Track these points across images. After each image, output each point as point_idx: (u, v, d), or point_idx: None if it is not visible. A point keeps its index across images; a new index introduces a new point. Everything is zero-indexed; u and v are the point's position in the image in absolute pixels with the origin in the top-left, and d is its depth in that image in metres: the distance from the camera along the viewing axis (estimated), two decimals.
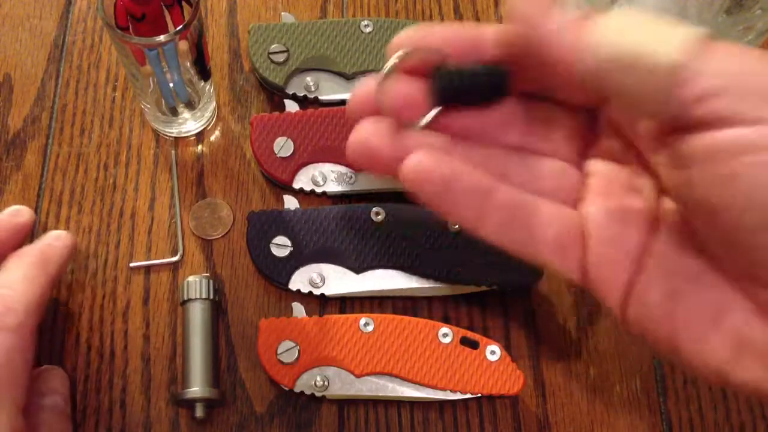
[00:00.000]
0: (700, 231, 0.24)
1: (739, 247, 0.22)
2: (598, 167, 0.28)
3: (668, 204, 0.26)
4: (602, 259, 0.26)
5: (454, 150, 0.27)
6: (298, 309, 0.43)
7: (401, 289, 0.44)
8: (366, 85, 0.27)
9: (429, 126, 0.26)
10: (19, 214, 0.41)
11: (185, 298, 0.42)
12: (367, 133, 0.26)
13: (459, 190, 0.26)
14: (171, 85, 0.44)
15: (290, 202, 0.45)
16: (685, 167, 0.23)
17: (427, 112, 0.26)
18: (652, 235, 0.26)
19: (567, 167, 0.29)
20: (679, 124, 0.22)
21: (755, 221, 0.21)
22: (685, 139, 0.22)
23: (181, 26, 0.39)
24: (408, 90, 0.26)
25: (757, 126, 0.20)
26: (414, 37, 0.26)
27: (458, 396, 0.41)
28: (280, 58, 0.48)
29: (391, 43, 0.27)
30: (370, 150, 0.26)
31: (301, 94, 0.49)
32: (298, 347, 0.41)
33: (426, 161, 0.25)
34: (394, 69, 0.26)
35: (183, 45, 0.41)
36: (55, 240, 0.40)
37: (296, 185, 0.46)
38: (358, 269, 0.44)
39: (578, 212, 0.28)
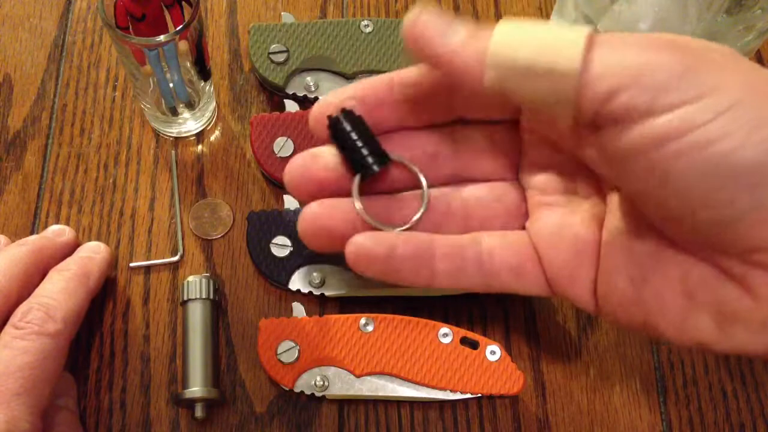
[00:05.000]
0: (646, 213, 0.24)
1: (685, 225, 0.22)
2: (532, 180, 0.29)
3: (610, 193, 0.27)
4: (559, 267, 0.27)
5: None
6: (298, 309, 0.43)
7: (401, 289, 0.44)
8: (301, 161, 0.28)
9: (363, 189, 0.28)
10: (62, 233, 0.43)
11: (185, 298, 0.42)
12: (317, 215, 0.27)
13: (401, 259, 0.26)
14: (171, 85, 0.44)
15: (290, 202, 0.45)
16: (613, 164, 0.23)
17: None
18: (599, 228, 0.26)
19: (504, 189, 0.29)
20: (596, 124, 0.22)
21: (690, 204, 0.21)
22: (605, 138, 0.22)
23: (181, 26, 0.39)
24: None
25: (666, 115, 0.20)
26: (331, 101, 0.28)
27: (458, 396, 0.41)
28: (280, 58, 0.48)
29: (314, 111, 0.28)
30: (325, 231, 0.27)
31: (301, 94, 0.49)
32: (298, 347, 0.41)
33: (362, 243, 0.26)
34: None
35: (183, 45, 0.41)
36: (95, 253, 0.42)
37: None
38: None
39: (526, 230, 0.28)
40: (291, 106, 0.48)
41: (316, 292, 0.44)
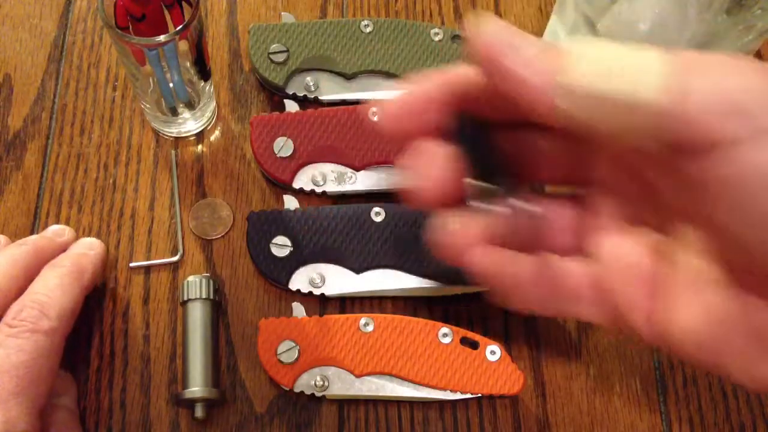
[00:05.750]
0: (723, 246, 0.23)
1: (763, 258, 0.21)
2: (601, 201, 0.28)
3: (681, 225, 0.25)
4: (620, 295, 0.26)
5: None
6: (298, 309, 0.43)
7: (401, 289, 0.44)
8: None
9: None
10: (62, 233, 0.43)
11: (185, 298, 0.42)
12: (456, 237, 0.26)
13: (521, 281, 0.26)
14: (171, 85, 0.44)
15: (290, 202, 0.45)
16: (697, 195, 0.22)
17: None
18: (664, 260, 0.25)
19: (574, 208, 0.28)
20: (682, 152, 0.21)
21: None
22: (693, 166, 0.21)
23: (181, 26, 0.39)
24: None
25: (762, 142, 0.19)
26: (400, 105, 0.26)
27: (458, 396, 0.41)
28: (280, 58, 0.48)
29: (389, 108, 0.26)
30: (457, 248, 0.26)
31: (301, 94, 0.49)
32: (298, 347, 0.41)
33: (492, 261, 0.26)
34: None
35: (183, 45, 0.41)
36: (89, 249, 0.42)
37: (296, 185, 0.46)
38: (358, 269, 0.44)
39: (592, 254, 0.27)
40: (291, 106, 0.48)
41: (316, 292, 0.44)
